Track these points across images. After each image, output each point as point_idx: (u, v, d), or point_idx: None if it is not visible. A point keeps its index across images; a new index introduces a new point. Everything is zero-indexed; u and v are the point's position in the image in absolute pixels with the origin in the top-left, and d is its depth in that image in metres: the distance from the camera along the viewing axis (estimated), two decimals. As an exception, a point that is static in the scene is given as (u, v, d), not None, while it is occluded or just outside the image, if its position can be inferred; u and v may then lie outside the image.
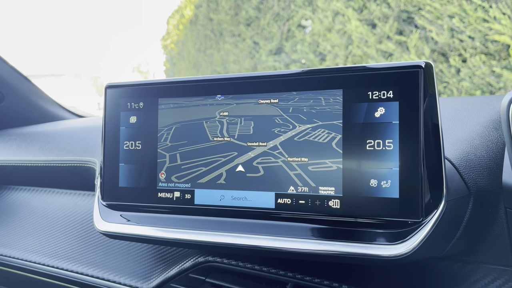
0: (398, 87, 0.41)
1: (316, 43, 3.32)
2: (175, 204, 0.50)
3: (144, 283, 0.64)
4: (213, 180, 0.48)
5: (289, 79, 0.46)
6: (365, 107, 0.43)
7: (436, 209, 0.40)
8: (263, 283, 0.55)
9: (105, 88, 0.54)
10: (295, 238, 0.43)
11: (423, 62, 0.40)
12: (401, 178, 0.41)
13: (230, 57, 4.56)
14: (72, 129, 0.98)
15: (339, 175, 0.43)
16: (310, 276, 0.52)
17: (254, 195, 0.46)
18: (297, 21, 3.58)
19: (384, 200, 0.41)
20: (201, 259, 0.59)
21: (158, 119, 0.51)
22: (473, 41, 2.11)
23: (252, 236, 0.45)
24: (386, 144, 0.41)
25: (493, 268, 0.46)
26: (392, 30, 2.57)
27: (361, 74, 0.43)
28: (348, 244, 0.41)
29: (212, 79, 0.50)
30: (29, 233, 0.84)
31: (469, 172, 0.46)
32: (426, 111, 0.40)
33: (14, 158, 0.93)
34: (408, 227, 0.40)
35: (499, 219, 0.45)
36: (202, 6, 5.18)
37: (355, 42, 2.82)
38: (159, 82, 0.52)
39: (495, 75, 2.04)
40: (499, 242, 0.45)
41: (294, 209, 0.45)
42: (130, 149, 0.52)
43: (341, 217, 0.43)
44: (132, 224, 0.52)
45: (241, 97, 0.48)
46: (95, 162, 0.79)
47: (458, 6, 2.14)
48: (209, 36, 5.08)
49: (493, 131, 0.50)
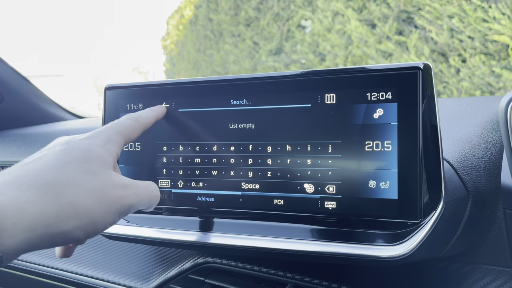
0: (396, 88, 0.41)
1: (315, 43, 3.32)
2: (174, 205, 0.50)
3: (144, 284, 0.64)
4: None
5: (288, 80, 0.46)
6: (363, 108, 0.43)
7: (435, 210, 0.40)
8: (263, 283, 0.55)
9: (105, 89, 0.55)
10: (293, 239, 0.44)
11: (422, 63, 0.40)
12: (400, 179, 0.41)
13: (230, 57, 4.56)
14: (72, 130, 0.98)
15: (338, 176, 0.43)
16: (309, 277, 0.52)
17: (252, 196, 0.47)
18: (296, 22, 3.58)
19: (382, 201, 0.41)
20: (201, 260, 0.59)
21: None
22: (472, 41, 2.11)
23: (249, 237, 0.45)
24: (384, 145, 0.41)
25: (491, 269, 0.47)
26: (391, 30, 2.57)
27: (360, 75, 0.43)
28: (346, 245, 0.41)
29: (213, 80, 0.50)
30: (29, 234, 0.84)
31: (468, 173, 0.46)
32: (425, 112, 0.40)
33: (14, 159, 0.93)
34: (407, 228, 0.40)
35: (498, 220, 0.45)
36: (202, 6, 5.18)
37: (355, 42, 2.82)
38: (159, 84, 0.52)
39: (495, 75, 2.04)
40: (498, 243, 0.46)
41: (292, 210, 0.45)
42: (129, 151, 0.52)
43: (339, 218, 0.43)
44: (131, 225, 0.52)
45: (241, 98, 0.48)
46: (94, 163, 0.79)
47: (458, 6, 2.14)
48: (209, 37, 5.08)
49: (491, 132, 0.50)
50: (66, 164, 0.32)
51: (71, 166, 0.32)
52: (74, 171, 0.32)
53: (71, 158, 0.33)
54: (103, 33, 72.74)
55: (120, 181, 0.35)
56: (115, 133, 0.39)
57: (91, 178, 0.33)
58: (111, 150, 0.37)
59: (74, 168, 0.32)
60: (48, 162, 0.32)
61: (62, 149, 0.34)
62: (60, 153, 0.33)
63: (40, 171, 0.31)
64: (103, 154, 0.35)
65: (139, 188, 0.37)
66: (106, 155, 0.36)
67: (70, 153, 0.34)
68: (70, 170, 0.32)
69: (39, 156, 0.33)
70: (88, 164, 0.33)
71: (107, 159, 0.35)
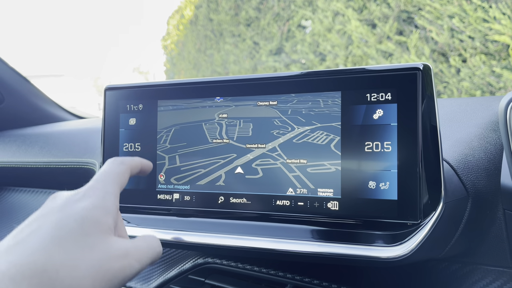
0: (396, 89, 0.41)
1: (316, 43, 3.32)
2: (174, 206, 0.50)
3: (144, 284, 0.64)
4: (212, 182, 0.49)
5: (288, 81, 0.46)
6: (363, 109, 0.43)
7: (435, 211, 0.40)
8: (263, 284, 0.55)
9: (105, 90, 0.55)
10: (293, 240, 0.44)
11: (421, 64, 0.41)
12: (400, 180, 0.41)
13: (230, 57, 4.56)
14: (72, 130, 0.98)
15: (338, 177, 0.43)
16: (309, 278, 0.52)
17: (253, 197, 0.47)
18: (297, 21, 3.58)
19: (382, 202, 0.41)
20: (201, 261, 0.59)
21: (157, 121, 0.51)
22: (473, 41, 2.11)
23: (251, 238, 0.45)
24: (384, 146, 0.41)
25: (491, 269, 0.47)
26: (392, 30, 2.57)
27: (360, 76, 0.43)
28: (346, 246, 0.41)
29: (211, 81, 0.50)
30: (29, 234, 0.84)
31: (468, 174, 0.46)
32: (425, 113, 0.40)
33: (14, 160, 0.94)
34: (407, 228, 0.40)
35: (498, 221, 0.45)
36: (202, 6, 5.18)
37: (355, 42, 2.82)
38: (158, 84, 0.52)
39: (495, 75, 2.04)
40: (498, 244, 0.46)
41: (293, 211, 0.45)
42: (129, 151, 0.52)
43: (339, 219, 0.43)
44: (131, 226, 0.52)
45: (240, 99, 0.48)
46: (95, 164, 0.79)
47: (458, 6, 2.14)
48: (209, 37, 5.08)
49: (491, 132, 0.50)
50: (61, 242, 0.30)
51: (66, 243, 0.30)
52: (70, 249, 0.30)
53: (66, 231, 0.30)
54: (102, 33, 72.78)
55: (121, 248, 0.32)
56: (111, 184, 0.36)
57: (89, 253, 0.30)
58: (110, 207, 0.34)
59: (69, 245, 0.30)
60: (41, 241, 0.30)
61: (56, 220, 0.31)
62: (55, 226, 0.31)
63: (32, 254, 0.28)
64: (101, 219, 0.33)
65: (141, 251, 0.34)
66: (105, 218, 0.33)
67: (66, 224, 0.31)
68: (66, 249, 0.30)
69: (32, 230, 0.31)
70: (85, 237, 0.31)
71: (106, 222, 0.33)
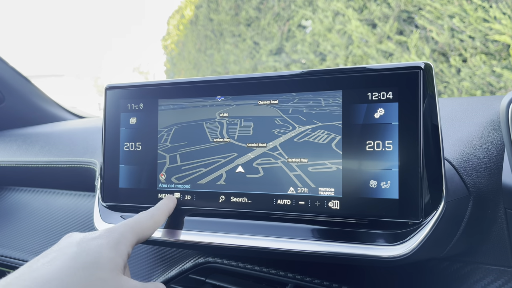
0: (397, 88, 0.41)
1: (316, 43, 3.32)
2: (176, 205, 0.50)
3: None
4: (213, 181, 0.48)
5: (289, 80, 0.46)
6: (364, 108, 0.43)
7: (436, 210, 0.40)
8: (263, 283, 0.55)
9: (105, 89, 0.55)
10: (295, 239, 0.44)
11: (423, 63, 0.40)
12: (401, 179, 0.41)
13: (231, 57, 4.56)
14: (72, 130, 0.98)
15: (339, 176, 0.43)
16: (310, 277, 0.52)
17: (254, 196, 0.47)
18: (297, 21, 3.58)
19: (383, 201, 0.41)
20: (202, 260, 0.59)
21: (158, 120, 0.51)
22: (473, 41, 2.11)
23: (252, 237, 0.45)
24: (385, 145, 0.41)
25: (492, 268, 0.46)
26: (392, 30, 2.57)
27: (361, 75, 0.43)
28: (347, 245, 0.41)
29: (212, 80, 0.50)
30: (29, 234, 0.84)
31: (469, 173, 0.46)
32: (426, 112, 0.40)
33: (15, 159, 0.93)
34: (408, 228, 0.40)
35: (499, 220, 0.45)
36: (202, 6, 5.18)
37: (356, 42, 2.82)
38: (159, 83, 0.52)
39: (496, 75, 2.03)
40: (499, 243, 0.45)
41: (294, 210, 0.45)
42: (130, 150, 0.52)
43: (340, 218, 0.43)
44: (132, 225, 0.52)
45: (241, 98, 0.48)
46: (95, 163, 0.79)
47: (458, 6, 2.14)
48: (209, 37, 5.08)
49: (492, 132, 0.50)
50: (75, 273, 0.32)
51: (80, 275, 0.32)
52: (84, 281, 0.31)
53: (80, 263, 0.32)
54: (102, 33, 72.78)
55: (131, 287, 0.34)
56: (129, 230, 0.38)
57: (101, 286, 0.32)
58: (122, 251, 0.36)
59: (84, 277, 0.32)
60: (57, 270, 0.31)
61: (72, 253, 0.33)
62: (70, 258, 0.33)
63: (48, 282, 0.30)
64: (114, 258, 0.34)
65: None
66: (117, 258, 0.35)
67: (80, 257, 0.33)
68: (80, 280, 0.31)
69: (48, 261, 0.33)
70: (98, 271, 0.33)
71: (118, 263, 0.34)
